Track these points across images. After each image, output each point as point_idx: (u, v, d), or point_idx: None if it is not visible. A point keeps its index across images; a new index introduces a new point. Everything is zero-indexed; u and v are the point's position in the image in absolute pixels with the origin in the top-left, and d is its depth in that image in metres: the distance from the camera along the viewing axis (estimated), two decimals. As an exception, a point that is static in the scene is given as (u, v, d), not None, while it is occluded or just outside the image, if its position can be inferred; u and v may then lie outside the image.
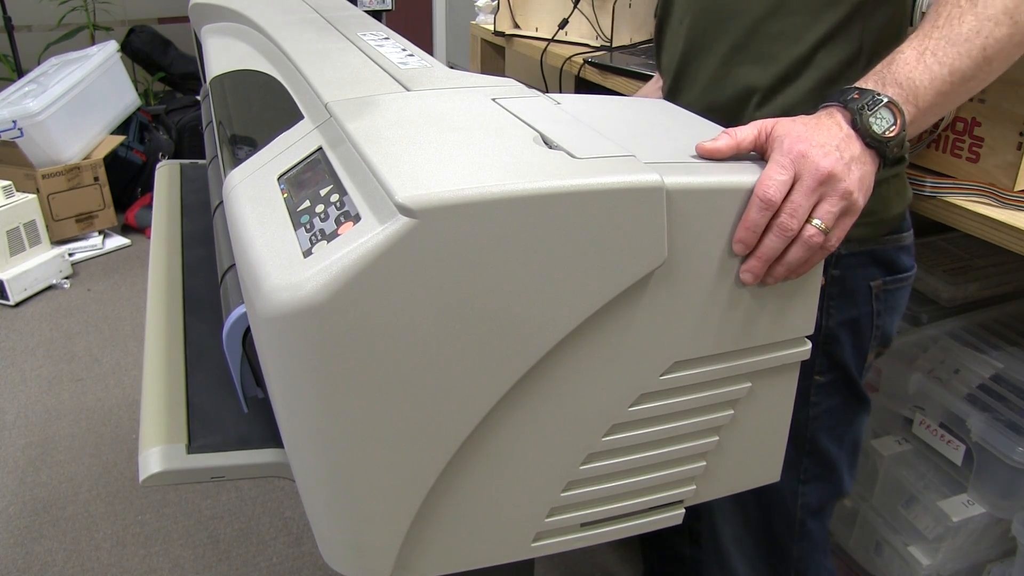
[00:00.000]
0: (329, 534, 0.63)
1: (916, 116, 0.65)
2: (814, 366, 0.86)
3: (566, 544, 0.69)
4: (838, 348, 0.86)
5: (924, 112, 0.65)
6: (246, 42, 1.07)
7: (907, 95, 0.65)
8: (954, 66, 0.64)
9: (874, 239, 0.83)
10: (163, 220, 1.17)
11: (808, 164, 0.61)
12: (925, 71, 0.65)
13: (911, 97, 0.65)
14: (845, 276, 0.83)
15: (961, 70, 0.65)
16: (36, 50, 3.58)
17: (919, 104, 0.65)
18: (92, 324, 2.48)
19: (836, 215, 0.62)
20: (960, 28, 0.64)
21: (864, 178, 0.63)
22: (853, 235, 0.73)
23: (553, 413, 0.62)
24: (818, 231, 0.61)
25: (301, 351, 0.54)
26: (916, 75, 0.65)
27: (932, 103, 0.65)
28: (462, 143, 0.61)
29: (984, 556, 1.20)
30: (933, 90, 0.65)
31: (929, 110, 0.66)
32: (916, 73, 0.65)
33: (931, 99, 0.65)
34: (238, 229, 0.62)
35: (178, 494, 1.78)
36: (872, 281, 0.85)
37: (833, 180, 0.61)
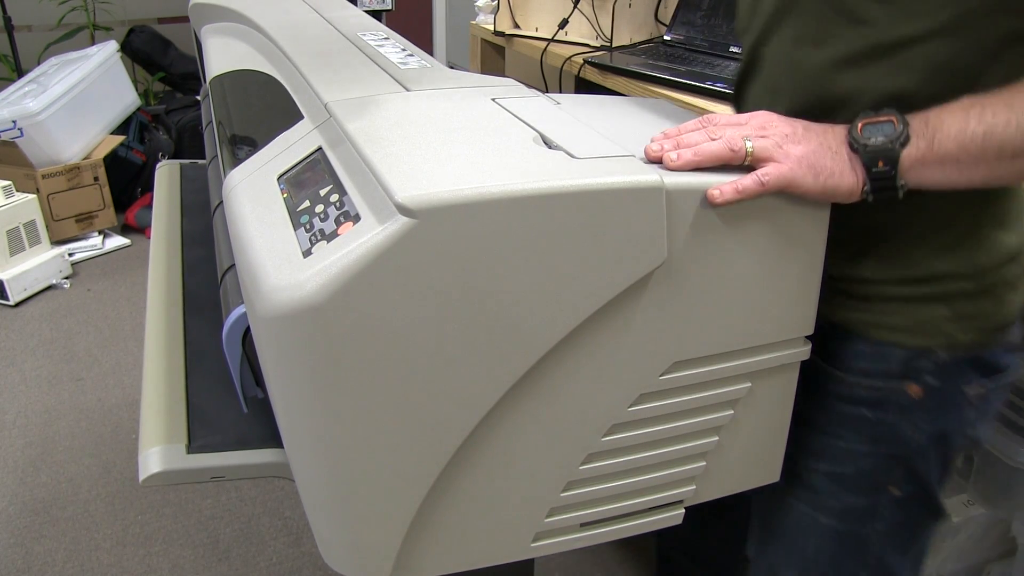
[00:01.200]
0: (329, 534, 0.63)
1: (926, 155, 0.60)
2: (889, 478, 0.76)
3: (566, 544, 0.69)
4: (923, 462, 0.75)
5: (938, 157, 0.60)
6: (246, 42, 1.07)
7: (927, 131, 0.60)
8: (993, 130, 0.58)
9: (983, 344, 0.72)
10: (163, 220, 1.17)
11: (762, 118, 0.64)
12: (960, 120, 0.59)
13: (929, 134, 0.60)
14: (944, 386, 0.72)
15: (1000, 137, 0.58)
16: (36, 50, 3.58)
17: (934, 146, 0.60)
18: (92, 324, 2.48)
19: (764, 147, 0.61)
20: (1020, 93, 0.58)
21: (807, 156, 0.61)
22: (960, 340, 0.70)
23: (553, 413, 0.62)
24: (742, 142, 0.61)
25: (301, 351, 0.54)
26: (948, 119, 0.60)
27: (950, 153, 0.60)
28: (462, 143, 0.61)
29: (984, 556, 1.20)
30: (957, 142, 0.59)
31: (945, 159, 0.60)
32: (950, 118, 0.60)
33: (951, 148, 0.59)
34: (238, 229, 0.62)
35: (178, 494, 1.78)
36: (970, 387, 0.73)
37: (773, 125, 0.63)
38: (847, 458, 0.76)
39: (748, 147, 0.61)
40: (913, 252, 0.69)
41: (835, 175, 0.62)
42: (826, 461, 0.77)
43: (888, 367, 0.72)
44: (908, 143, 0.60)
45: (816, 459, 0.78)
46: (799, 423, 0.77)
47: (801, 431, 0.78)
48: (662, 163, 0.61)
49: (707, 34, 1.47)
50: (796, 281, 0.66)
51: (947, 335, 0.70)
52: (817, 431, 0.77)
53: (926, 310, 0.70)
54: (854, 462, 0.76)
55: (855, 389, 0.73)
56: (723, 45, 1.43)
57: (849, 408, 0.74)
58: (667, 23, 1.58)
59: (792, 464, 0.79)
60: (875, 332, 0.72)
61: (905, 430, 0.73)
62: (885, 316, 0.71)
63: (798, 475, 0.79)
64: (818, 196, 0.62)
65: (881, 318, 0.71)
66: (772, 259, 0.64)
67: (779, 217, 0.63)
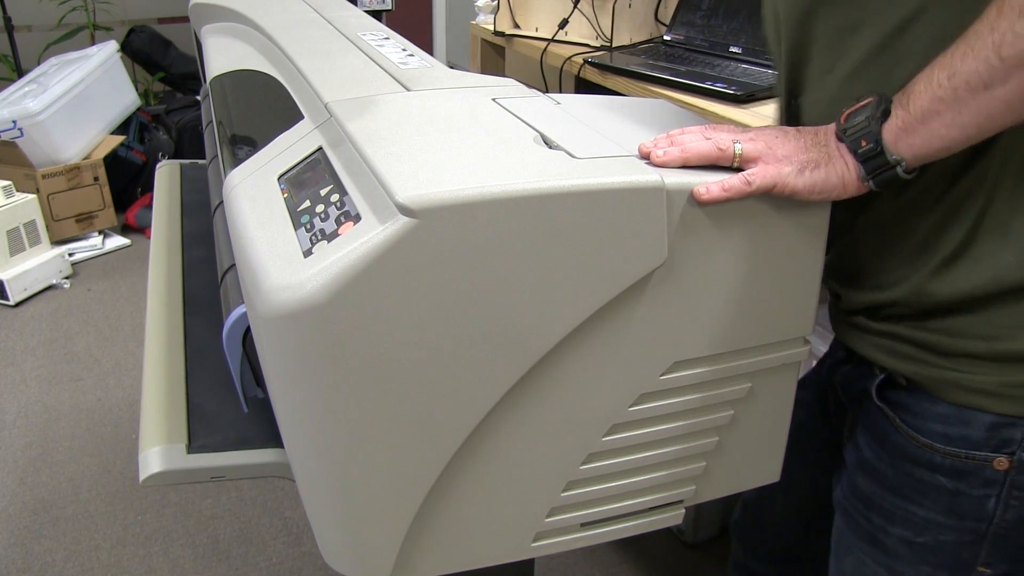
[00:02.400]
0: (329, 534, 0.63)
1: (906, 120, 0.58)
2: (976, 556, 0.68)
3: (566, 544, 0.69)
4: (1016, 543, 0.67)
5: (917, 118, 0.57)
6: (246, 42, 1.07)
7: (903, 98, 0.58)
8: (955, 68, 0.55)
9: None
10: (163, 220, 1.17)
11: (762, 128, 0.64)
12: (926, 75, 0.57)
13: (904, 100, 0.58)
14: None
15: (964, 72, 0.54)
16: (36, 50, 3.58)
17: (910, 108, 0.58)
18: (92, 324, 2.48)
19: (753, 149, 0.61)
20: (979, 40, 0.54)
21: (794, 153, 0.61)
22: None
23: (553, 413, 0.62)
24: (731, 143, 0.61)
25: (301, 351, 0.54)
26: (916, 83, 0.58)
27: (925, 108, 0.57)
28: (462, 143, 0.61)
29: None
30: (928, 94, 0.56)
31: (925, 117, 0.57)
32: (919, 77, 0.58)
33: (924, 103, 0.57)
34: (238, 229, 0.62)
35: (178, 494, 1.78)
36: None
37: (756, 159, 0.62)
38: (925, 528, 0.69)
39: (737, 149, 0.61)
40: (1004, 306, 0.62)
41: (821, 166, 0.60)
42: (901, 527, 0.70)
43: (971, 434, 0.64)
44: (888, 116, 0.58)
45: (890, 522, 0.71)
46: (868, 474, 0.72)
47: (871, 485, 0.72)
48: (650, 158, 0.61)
49: (707, 34, 1.47)
50: (796, 281, 0.66)
51: None
52: (890, 491, 0.71)
53: (1020, 372, 0.62)
54: (933, 533, 0.69)
55: (932, 454, 0.66)
56: (723, 45, 1.43)
57: (925, 474, 0.67)
58: (667, 23, 1.58)
59: (862, 518, 0.74)
60: (957, 394, 0.64)
61: (991, 506, 0.66)
62: (971, 376, 0.64)
63: (871, 534, 0.73)
64: (809, 193, 0.61)
65: (965, 378, 0.64)
66: (772, 259, 0.64)
67: (779, 217, 0.63)
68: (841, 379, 0.79)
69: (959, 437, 0.65)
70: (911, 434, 0.68)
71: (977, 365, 0.63)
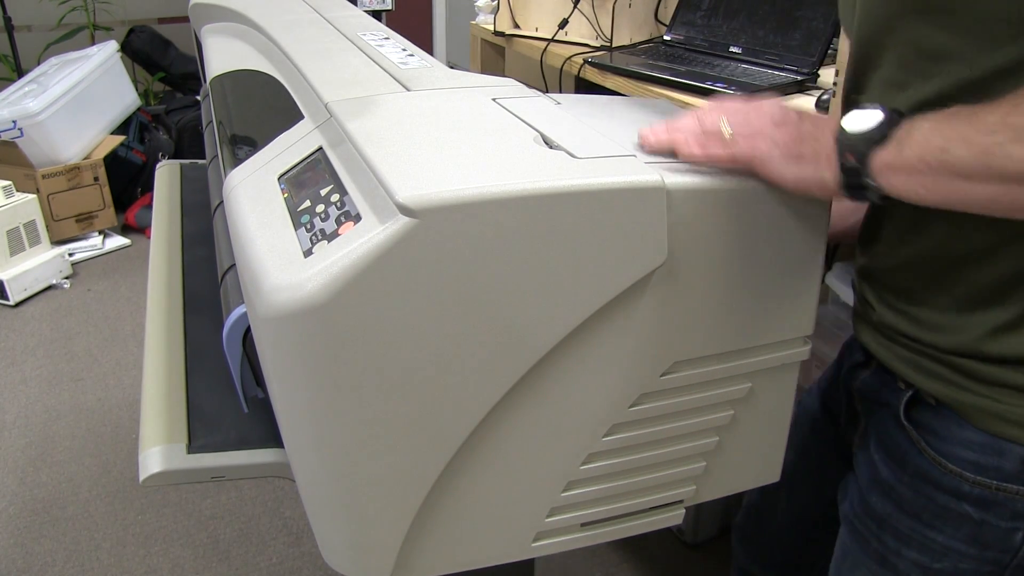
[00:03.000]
0: (329, 534, 0.63)
1: (895, 160, 0.55)
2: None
3: (566, 544, 0.69)
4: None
5: (905, 166, 0.55)
6: (246, 42, 1.07)
7: (903, 135, 0.55)
8: (948, 145, 0.52)
9: None
10: (163, 220, 1.17)
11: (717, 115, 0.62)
12: (928, 130, 0.54)
13: (901, 137, 0.55)
14: None
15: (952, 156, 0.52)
16: (36, 50, 3.58)
17: (902, 151, 0.55)
18: (92, 324, 2.48)
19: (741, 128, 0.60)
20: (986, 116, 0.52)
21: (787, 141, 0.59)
22: None
23: (553, 413, 0.62)
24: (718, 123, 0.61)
25: (301, 351, 0.54)
26: (922, 125, 0.55)
27: (911, 163, 0.54)
28: (462, 143, 0.61)
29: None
30: (919, 150, 0.54)
31: (912, 170, 0.54)
32: (924, 125, 0.55)
33: (914, 160, 0.54)
34: (238, 229, 0.62)
35: (178, 494, 1.78)
36: None
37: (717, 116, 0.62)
38: (944, 555, 0.67)
39: (726, 129, 0.60)
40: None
41: (808, 161, 0.58)
42: (916, 551, 0.68)
43: (1003, 465, 0.62)
44: (883, 143, 0.55)
45: (906, 545, 0.69)
46: (883, 493, 0.70)
47: (886, 505, 0.70)
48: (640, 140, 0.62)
49: (707, 34, 1.47)
50: (796, 281, 0.66)
51: None
52: (907, 514, 0.68)
53: None
54: (952, 561, 0.67)
55: (959, 482, 0.64)
56: (723, 45, 1.43)
57: (950, 501, 0.65)
58: (667, 23, 1.58)
59: (874, 538, 0.72)
60: (992, 423, 0.62)
61: (1018, 539, 0.64)
62: (1009, 407, 0.61)
63: (883, 555, 0.71)
64: (794, 183, 0.59)
65: (1003, 408, 0.62)
66: (772, 259, 0.64)
67: (779, 217, 0.63)
68: (860, 385, 0.75)
69: (991, 467, 0.63)
70: (937, 459, 0.65)
71: (1017, 396, 0.61)
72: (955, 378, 0.64)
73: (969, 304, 0.62)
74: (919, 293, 0.65)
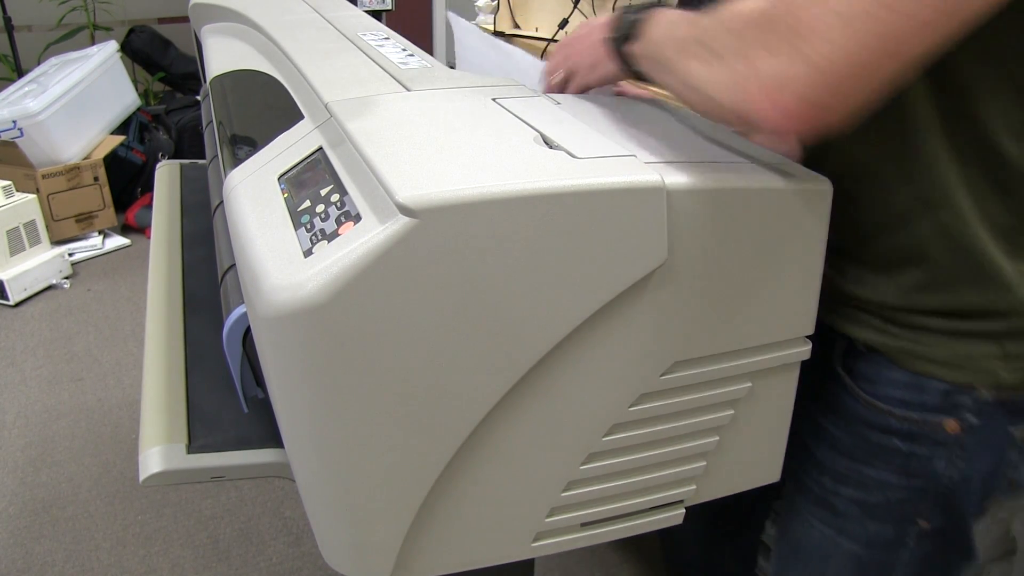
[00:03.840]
0: (329, 534, 0.63)
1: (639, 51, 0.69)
2: (919, 510, 0.74)
3: (566, 544, 0.69)
4: (957, 499, 0.73)
5: (642, 54, 0.69)
6: (246, 42, 1.07)
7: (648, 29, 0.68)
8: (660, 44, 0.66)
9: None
10: (163, 220, 1.17)
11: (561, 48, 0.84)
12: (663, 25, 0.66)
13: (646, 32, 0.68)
14: (985, 425, 0.70)
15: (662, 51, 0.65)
16: (36, 50, 3.58)
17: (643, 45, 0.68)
18: (92, 324, 2.48)
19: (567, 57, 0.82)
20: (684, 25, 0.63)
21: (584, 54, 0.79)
22: (1006, 381, 0.68)
23: (553, 413, 0.62)
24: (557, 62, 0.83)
25: (301, 351, 0.54)
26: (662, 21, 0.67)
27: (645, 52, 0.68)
28: (462, 143, 0.61)
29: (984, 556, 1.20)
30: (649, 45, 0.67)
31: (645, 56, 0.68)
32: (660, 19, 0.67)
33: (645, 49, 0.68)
34: (238, 229, 0.62)
35: (178, 494, 1.78)
36: (1015, 429, 0.71)
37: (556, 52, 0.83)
38: (876, 487, 0.74)
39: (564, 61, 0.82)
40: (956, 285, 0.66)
41: (599, 63, 0.77)
42: (852, 487, 0.75)
43: (925, 400, 0.69)
44: (630, 40, 0.70)
45: (842, 484, 0.76)
46: (821, 440, 0.76)
47: (824, 450, 0.76)
48: None
49: (707, 34, 1.47)
50: (796, 281, 0.66)
51: (992, 374, 0.67)
52: (843, 455, 0.75)
53: (972, 346, 0.67)
54: (883, 492, 0.74)
55: (888, 419, 0.71)
56: (723, 45, 1.42)
57: (880, 437, 0.72)
58: (667, 23, 1.58)
59: (813, 483, 0.78)
60: (915, 363, 0.69)
61: (939, 466, 0.71)
62: (928, 348, 0.68)
63: (822, 497, 0.78)
64: (596, 82, 0.79)
65: (923, 349, 0.68)
66: (772, 259, 0.64)
67: (779, 217, 0.63)
68: None
69: (916, 402, 0.70)
70: (869, 400, 0.72)
71: (935, 338, 0.68)
72: (883, 326, 0.70)
73: (890, 265, 0.69)
74: (846, 253, 0.71)
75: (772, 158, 0.67)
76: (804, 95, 0.51)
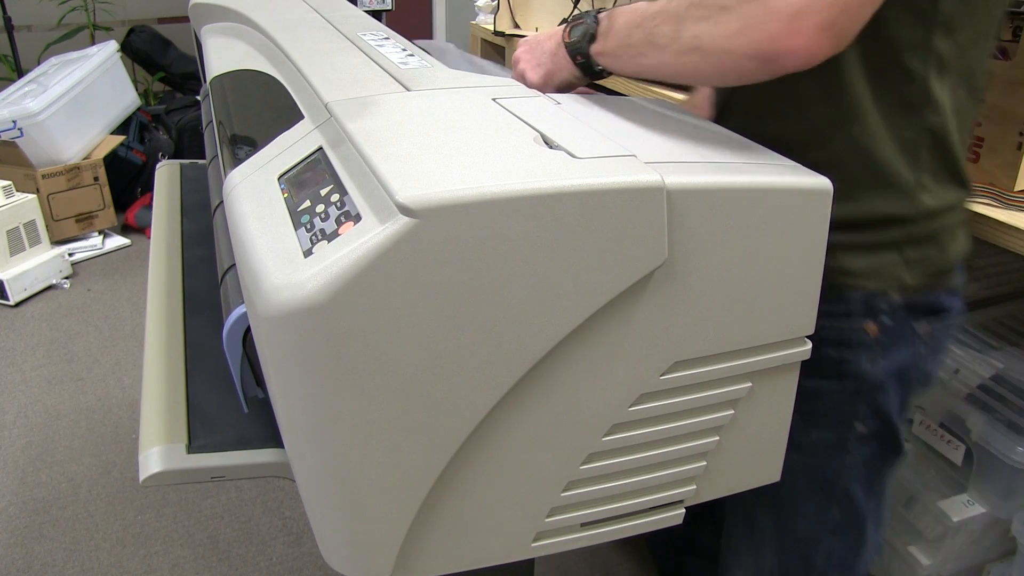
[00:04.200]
0: (329, 534, 0.63)
1: (601, 50, 0.76)
2: (856, 414, 0.83)
3: (566, 544, 0.69)
4: (883, 396, 0.82)
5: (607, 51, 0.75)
6: (246, 42, 1.07)
7: (606, 29, 0.75)
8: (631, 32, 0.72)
9: (930, 287, 0.80)
10: (163, 220, 1.17)
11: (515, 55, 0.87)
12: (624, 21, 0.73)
13: (605, 31, 0.75)
14: (897, 325, 0.79)
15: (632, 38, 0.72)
16: (36, 50, 3.58)
17: (606, 42, 0.75)
18: (92, 324, 2.48)
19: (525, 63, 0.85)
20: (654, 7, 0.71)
21: (540, 64, 0.83)
22: (909, 283, 0.77)
23: (553, 413, 0.62)
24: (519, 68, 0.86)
25: (302, 351, 0.54)
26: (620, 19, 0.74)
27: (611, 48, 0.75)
28: (462, 143, 0.61)
29: (984, 556, 1.20)
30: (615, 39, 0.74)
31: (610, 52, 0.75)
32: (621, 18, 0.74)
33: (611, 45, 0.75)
34: (238, 229, 0.62)
35: (178, 494, 1.78)
36: (920, 326, 0.81)
37: (515, 63, 0.86)
38: (814, 396, 0.80)
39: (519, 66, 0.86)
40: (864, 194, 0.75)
41: (555, 71, 0.81)
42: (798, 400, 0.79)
43: (850, 308, 0.78)
44: (594, 41, 0.76)
45: None
46: None
47: None
48: None
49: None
50: (796, 281, 0.66)
51: (898, 279, 0.77)
52: None
53: (880, 256, 0.77)
54: (821, 400, 0.82)
55: (820, 331, 0.75)
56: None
57: (815, 350, 0.77)
58: (667, 23, 1.58)
59: None
60: (840, 278, 0.77)
61: (865, 366, 0.79)
62: (847, 263, 0.77)
63: None
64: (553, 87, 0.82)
65: (842, 265, 0.77)
66: (772, 259, 0.64)
67: (779, 217, 0.63)
68: None
69: (841, 312, 0.78)
70: None
71: (852, 252, 0.77)
72: None
73: None
74: None
75: (772, 158, 0.67)
76: (821, 23, 0.59)
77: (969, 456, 1.13)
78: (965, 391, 1.13)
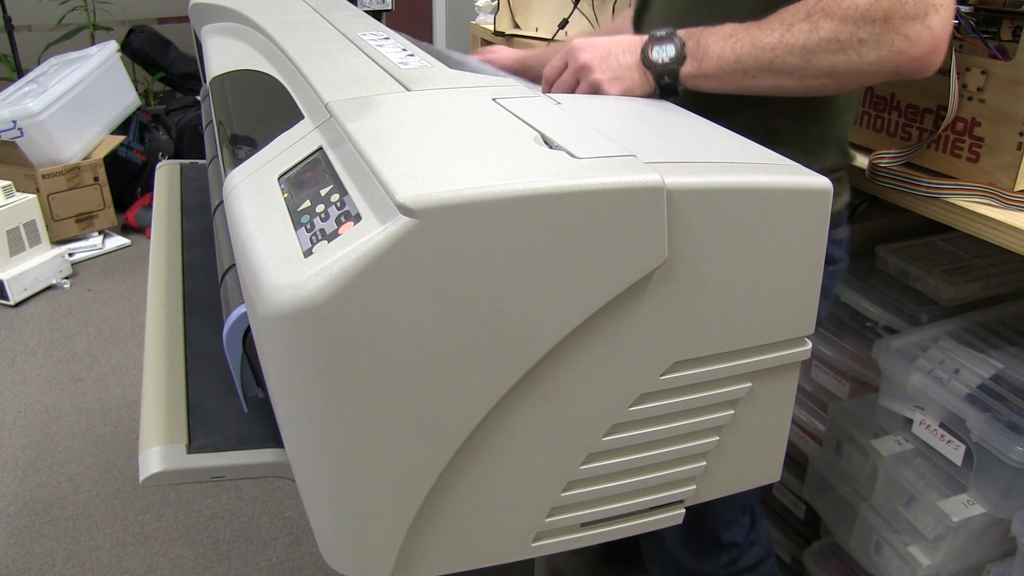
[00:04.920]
0: (329, 534, 0.63)
1: (696, 72, 0.81)
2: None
3: (566, 544, 0.69)
4: None
5: (705, 74, 0.81)
6: (246, 42, 1.07)
7: (697, 53, 0.80)
8: (742, 59, 0.79)
9: None
10: (163, 220, 1.17)
11: (573, 56, 0.85)
12: (721, 47, 0.79)
13: (698, 56, 0.80)
14: None
15: (745, 65, 0.79)
16: (36, 50, 3.58)
17: (702, 66, 0.80)
18: (92, 324, 2.48)
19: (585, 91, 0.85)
20: (766, 38, 0.78)
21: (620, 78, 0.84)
22: None
23: (553, 413, 0.62)
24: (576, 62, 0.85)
25: (302, 351, 0.54)
26: (713, 45, 0.80)
27: (712, 72, 0.80)
28: (462, 143, 0.61)
29: (984, 556, 1.20)
30: (717, 63, 0.80)
31: (710, 75, 0.80)
32: (714, 44, 0.80)
33: (712, 68, 0.80)
34: (238, 229, 0.62)
35: (178, 494, 1.78)
36: None
37: (586, 70, 0.84)
38: None
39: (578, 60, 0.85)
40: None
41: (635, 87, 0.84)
42: None
43: None
44: (684, 62, 0.81)
45: None
46: None
47: None
48: None
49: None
50: (796, 281, 0.66)
51: None
52: None
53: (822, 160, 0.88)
54: None
55: None
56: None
57: None
58: (667, 23, 1.58)
59: None
60: None
61: None
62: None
63: None
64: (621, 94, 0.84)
65: None
66: (772, 259, 0.64)
67: (779, 217, 0.63)
68: None
69: None
70: None
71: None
72: None
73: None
74: None
75: (772, 158, 0.67)
76: (937, 46, 0.75)
77: (969, 456, 1.13)
78: (965, 391, 1.13)
